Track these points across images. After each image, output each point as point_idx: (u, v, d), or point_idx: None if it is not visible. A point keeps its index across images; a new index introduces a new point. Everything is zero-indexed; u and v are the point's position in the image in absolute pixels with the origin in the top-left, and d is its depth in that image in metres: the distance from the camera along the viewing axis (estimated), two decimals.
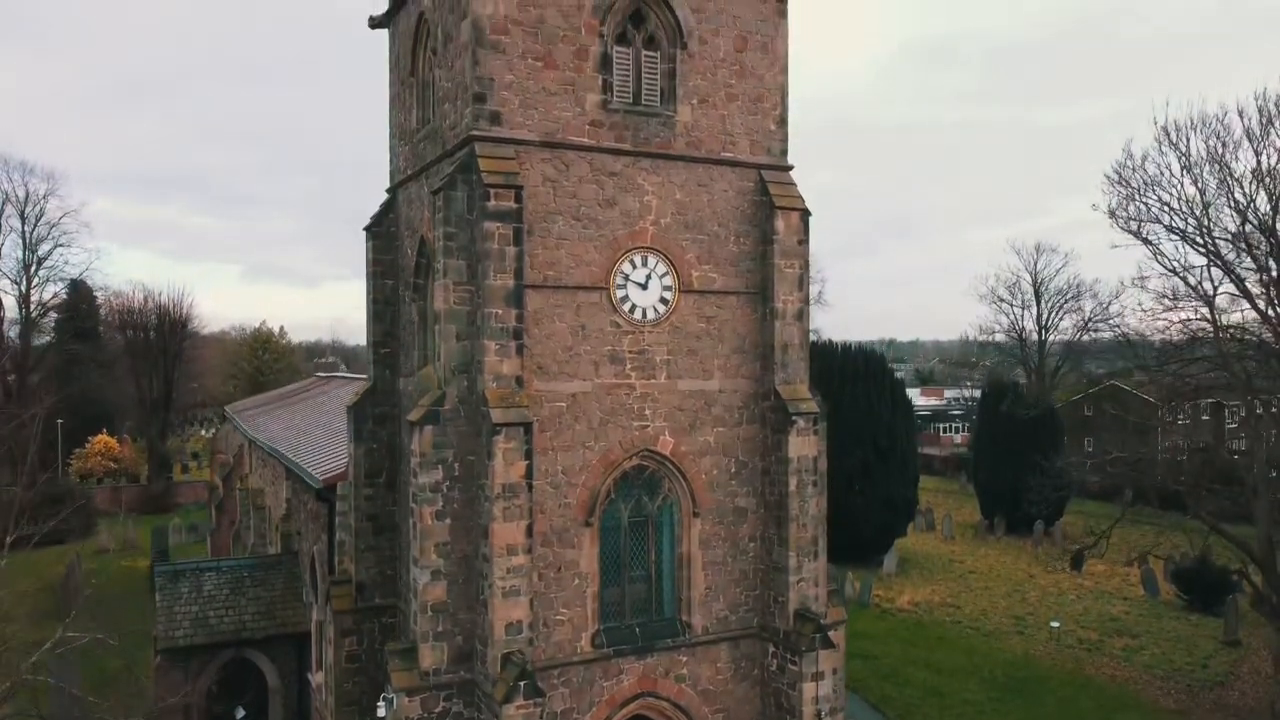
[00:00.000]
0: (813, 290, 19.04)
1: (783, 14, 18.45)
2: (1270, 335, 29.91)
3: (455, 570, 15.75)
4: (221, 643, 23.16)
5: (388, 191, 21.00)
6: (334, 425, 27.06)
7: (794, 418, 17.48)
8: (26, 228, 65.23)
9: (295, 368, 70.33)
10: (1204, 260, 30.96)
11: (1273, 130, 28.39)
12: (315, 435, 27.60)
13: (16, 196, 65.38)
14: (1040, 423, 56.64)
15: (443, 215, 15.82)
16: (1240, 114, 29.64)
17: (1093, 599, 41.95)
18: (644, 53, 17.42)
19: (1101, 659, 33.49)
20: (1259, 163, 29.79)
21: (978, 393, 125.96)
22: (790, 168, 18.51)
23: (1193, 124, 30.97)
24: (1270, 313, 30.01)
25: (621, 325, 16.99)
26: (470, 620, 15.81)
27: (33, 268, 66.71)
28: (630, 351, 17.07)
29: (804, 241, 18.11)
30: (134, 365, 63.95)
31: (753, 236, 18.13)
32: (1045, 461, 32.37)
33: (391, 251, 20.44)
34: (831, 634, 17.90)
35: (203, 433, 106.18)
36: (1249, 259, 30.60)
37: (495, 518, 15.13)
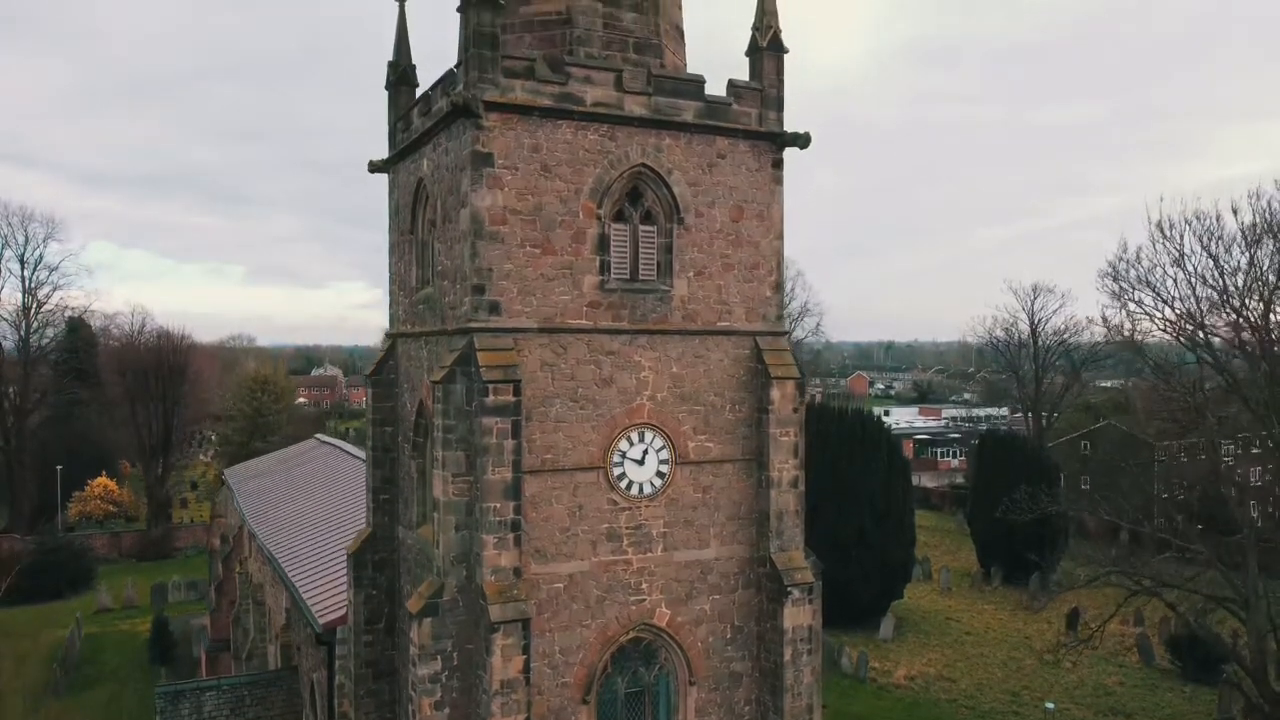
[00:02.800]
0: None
1: (779, 180, 18.62)
2: (1266, 434, 30.17)
3: None
4: None
5: (388, 336, 21.19)
6: (335, 536, 27.31)
7: (789, 589, 17.67)
8: (26, 272, 65.61)
9: (294, 409, 70.42)
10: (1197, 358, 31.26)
11: (1267, 238, 28.64)
12: (317, 542, 27.79)
13: (16, 241, 65.79)
14: (1035, 471, 57.05)
15: (442, 407, 16.01)
16: (1234, 213, 29.89)
17: (1088, 666, 42.12)
18: (641, 228, 17.59)
19: None
20: (1252, 262, 30.07)
21: (977, 413, 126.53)
22: (785, 333, 18.71)
23: (1187, 220, 31.28)
24: (1265, 411, 30.28)
25: (619, 502, 17.17)
26: None
27: (32, 310, 67.07)
28: (627, 527, 17.25)
29: (799, 409, 18.29)
30: (134, 411, 64.14)
31: (748, 403, 18.31)
32: (1043, 562, 32.56)
33: (391, 399, 20.63)
34: None
35: (202, 457, 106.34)
36: (1242, 356, 30.89)
37: (494, 714, 15.32)
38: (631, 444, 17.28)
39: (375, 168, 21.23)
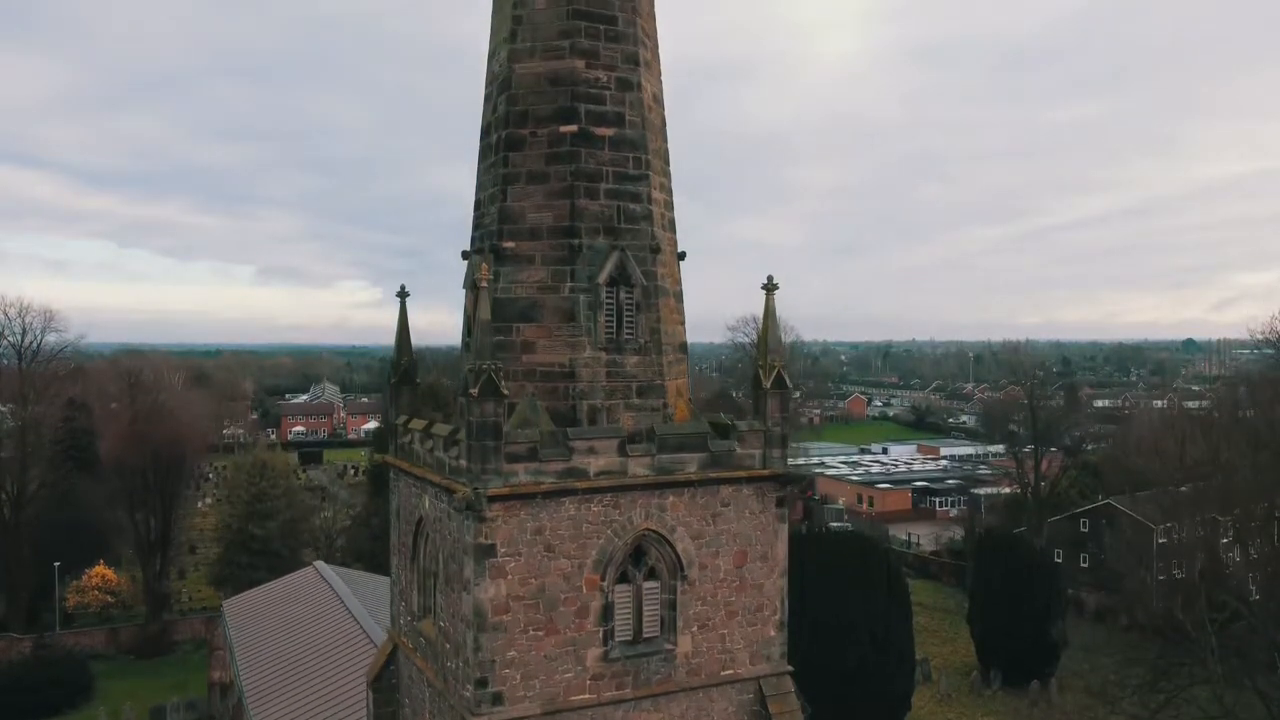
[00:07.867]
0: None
1: (782, 518, 18.50)
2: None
3: None
4: None
5: (388, 631, 21.06)
6: None
7: None
8: (24, 365, 65.30)
9: (293, 491, 70.36)
10: None
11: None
12: None
13: (13, 330, 65.56)
14: (1037, 579, 57.31)
15: None
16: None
17: None
18: (645, 585, 17.43)
19: None
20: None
21: (975, 451, 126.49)
22: (789, 672, 18.60)
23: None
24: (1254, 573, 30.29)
25: None
26: None
27: (29, 395, 66.82)
28: None
29: None
30: (132, 507, 64.00)
31: None
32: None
33: (392, 704, 20.52)
34: None
35: (200, 504, 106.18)
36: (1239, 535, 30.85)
37: None
38: None
39: (378, 463, 21.08)
